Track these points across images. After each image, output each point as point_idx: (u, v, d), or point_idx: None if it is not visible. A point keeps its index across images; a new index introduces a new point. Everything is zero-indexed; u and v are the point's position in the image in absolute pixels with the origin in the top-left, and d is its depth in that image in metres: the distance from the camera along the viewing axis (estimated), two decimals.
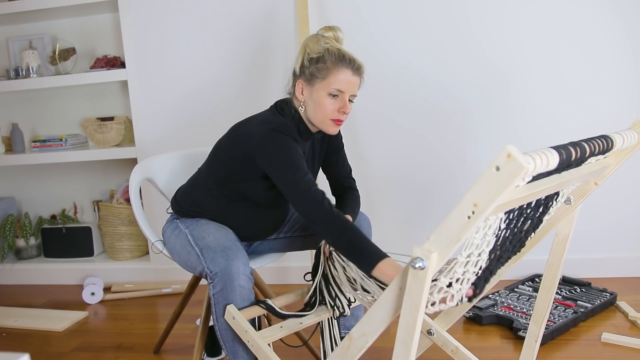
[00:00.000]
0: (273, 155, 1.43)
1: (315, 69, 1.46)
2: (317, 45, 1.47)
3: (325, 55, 1.45)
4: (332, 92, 1.46)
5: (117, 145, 2.93)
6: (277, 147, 1.43)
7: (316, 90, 1.47)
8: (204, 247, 1.51)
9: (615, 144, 1.04)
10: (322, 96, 1.46)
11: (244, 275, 1.44)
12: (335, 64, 1.44)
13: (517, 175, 0.71)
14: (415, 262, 0.86)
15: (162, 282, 2.84)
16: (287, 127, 1.49)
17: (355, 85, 1.48)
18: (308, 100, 1.49)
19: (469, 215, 0.78)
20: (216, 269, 1.44)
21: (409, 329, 0.91)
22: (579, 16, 2.40)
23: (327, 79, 1.45)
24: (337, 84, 1.45)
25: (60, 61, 2.92)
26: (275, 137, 1.44)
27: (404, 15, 2.52)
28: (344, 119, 1.50)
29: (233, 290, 1.41)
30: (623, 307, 2.17)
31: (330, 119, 1.49)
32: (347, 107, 1.48)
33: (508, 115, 2.51)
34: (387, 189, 2.65)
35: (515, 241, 1.12)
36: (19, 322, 2.45)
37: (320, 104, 1.47)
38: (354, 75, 1.47)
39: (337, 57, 1.45)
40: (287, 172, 1.40)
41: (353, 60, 1.47)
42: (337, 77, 1.45)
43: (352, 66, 1.46)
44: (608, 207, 2.51)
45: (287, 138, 1.45)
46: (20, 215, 3.23)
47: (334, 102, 1.47)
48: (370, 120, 2.61)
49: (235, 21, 2.64)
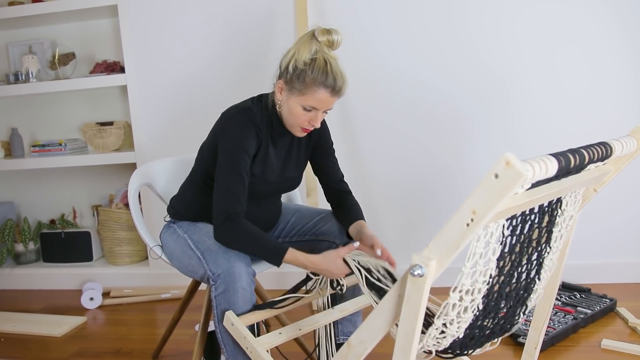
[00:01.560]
0: (223, 139, 1.52)
1: (297, 81, 1.47)
2: (307, 52, 1.46)
3: (309, 70, 1.45)
4: (306, 107, 1.49)
5: (117, 150, 2.92)
6: (230, 133, 1.51)
7: (292, 99, 1.50)
8: (205, 250, 1.51)
9: (614, 150, 1.04)
10: (296, 107, 1.50)
11: (247, 275, 1.44)
12: (315, 82, 1.45)
13: (516, 182, 0.71)
14: (414, 270, 0.85)
15: (161, 287, 2.83)
16: (253, 115, 1.54)
17: (330, 104, 1.50)
18: (284, 103, 1.53)
19: (467, 222, 0.78)
20: (219, 270, 1.44)
21: (407, 336, 0.91)
22: (578, 21, 2.41)
23: (304, 95, 1.47)
24: (312, 102, 1.48)
25: (60, 66, 2.92)
26: (233, 120, 1.52)
27: (403, 21, 2.52)
28: (312, 129, 1.55)
29: (235, 292, 1.41)
30: (623, 313, 2.16)
31: (300, 127, 1.54)
32: (317, 122, 1.52)
33: (507, 120, 2.51)
34: (386, 195, 2.65)
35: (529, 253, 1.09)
36: (17, 327, 2.44)
37: (293, 113, 1.51)
38: (331, 97, 1.48)
39: (320, 74, 1.44)
40: (224, 166, 1.49)
41: (334, 81, 1.46)
42: (315, 96, 1.46)
43: (332, 88, 1.46)
44: (607, 212, 2.51)
45: (245, 126, 1.51)
46: (19, 220, 3.23)
47: (307, 114, 1.51)
48: (370, 126, 2.61)
49: (236, 26, 2.65)
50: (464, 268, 0.93)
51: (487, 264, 0.96)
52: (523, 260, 1.09)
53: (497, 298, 1.06)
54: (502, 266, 1.02)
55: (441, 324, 1.00)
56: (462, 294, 0.97)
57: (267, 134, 1.58)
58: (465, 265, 0.92)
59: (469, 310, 1.00)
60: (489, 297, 1.04)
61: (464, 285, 0.95)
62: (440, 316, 0.98)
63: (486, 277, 0.99)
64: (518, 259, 1.06)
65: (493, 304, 1.06)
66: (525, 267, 1.11)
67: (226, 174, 1.48)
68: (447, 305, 0.96)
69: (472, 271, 0.94)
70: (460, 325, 1.02)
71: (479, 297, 1.00)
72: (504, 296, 1.08)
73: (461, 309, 0.98)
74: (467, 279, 0.95)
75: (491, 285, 1.02)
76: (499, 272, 1.02)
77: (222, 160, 1.50)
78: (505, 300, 1.10)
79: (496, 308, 1.09)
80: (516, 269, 1.07)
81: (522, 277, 1.12)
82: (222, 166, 1.50)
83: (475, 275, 0.96)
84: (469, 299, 0.99)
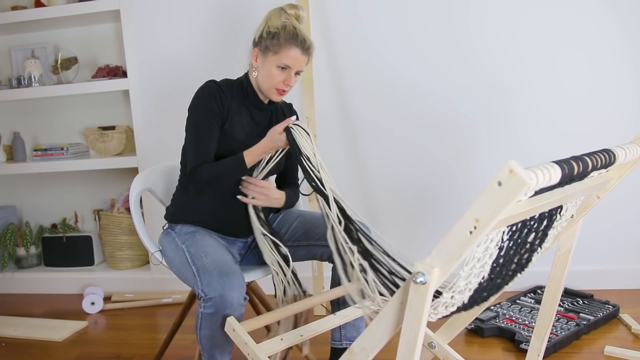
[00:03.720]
0: (189, 108, 1.66)
1: (270, 43, 1.62)
2: (277, 19, 1.62)
3: (281, 32, 1.61)
4: (280, 66, 1.62)
5: (118, 154, 2.93)
6: (193, 100, 1.65)
7: (268, 62, 1.63)
8: (200, 267, 1.50)
9: (617, 158, 1.04)
10: (272, 67, 1.63)
11: (238, 304, 1.43)
12: (287, 41, 1.60)
13: (519, 190, 0.70)
14: (416, 277, 0.85)
15: (162, 292, 2.83)
16: (220, 83, 1.67)
17: (302, 62, 1.65)
18: (260, 68, 1.66)
19: (470, 230, 0.77)
20: (211, 294, 1.42)
21: (410, 343, 0.90)
22: (580, 26, 2.41)
23: (278, 54, 1.61)
24: (286, 60, 1.61)
25: (62, 70, 2.93)
26: (198, 90, 1.66)
27: (405, 27, 2.52)
28: (288, 89, 1.67)
29: (222, 319, 1.42)
30: (626, 319, 2.16)
31: (275, 88, 1.65)
32: (291, 80, 1.65)
33: (509, 125, 2.51)
34: (388, 201, 2.65)
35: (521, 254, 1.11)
36: (18, 331, 2.44)
37: (269, 74, 1.63)
38: (302, 55, 1.63)
39: (291, 35, 1.60)
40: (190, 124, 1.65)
41: (304, 41, 1.62)
42: (287, 54, 1.61)
43: (302, 46, 1.62)
44: (610, 218, 2.50)
45: (208, 90, 1.64)
46: (20, 224, 3.23)
47: (281, 74, 1.63)
48: (371, 131, 2.61)
49: (239, 32, 2.65)
50: (462, 272, 0.93)
51: (483, 267, 0.97)
52: (514, 259, 1.10)
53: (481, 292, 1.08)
54: (495, 267, 1.03)
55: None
56: (454, 294, 0.98)
57: (240, 101, 1.70)
58: (464, 269, 0.93)
59: (456, 305, 1.03)
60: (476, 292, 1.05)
61: (458, 286, 0.96)
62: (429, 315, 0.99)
63: (479, 278, 1.00)
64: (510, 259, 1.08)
65: (477, 297, 1.08)
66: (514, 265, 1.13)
67: (192, 130, 1.64)
68: (438, 304, 0.98)
69: (468, 274, 0.95)
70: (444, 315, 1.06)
71: (468, 295, 1.03)
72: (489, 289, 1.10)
73: (449, 304, 1.01)
74: (462, 281, 0.96)
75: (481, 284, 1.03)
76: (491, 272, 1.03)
77: (188, 122, 1.65)
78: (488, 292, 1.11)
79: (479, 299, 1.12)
80: (506, 267, 1.09)
81: (509, 274, 1.15)
82: (188, 124, 1.65)
83: (470, 277, 0.97)
84: (459, 298, 1.00)
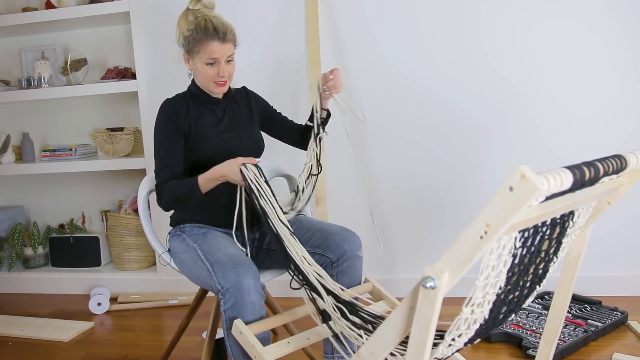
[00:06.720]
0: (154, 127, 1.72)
1: (192, 45, 1.66)
2: (186, 22, 1.67)
3: (195, 32, 1.64)
4: (208, 62, 1.66)
5: (127, 155, 2.94)
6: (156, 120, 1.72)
7: (197, 62, 1.69)
8: (214, 262, 1.52)
9: (629, 163, 1.03)
10: (202, 66, 1.68)
11: (255, 290, 1.44)
12: (204, 38, 1.63)
13: (531, 195, 0.70)
14: (426, 282, 0.84)
15: (169, 294, 2.83)
16: (172, 98, 1.75)
17: (227, 50, 1.67)
18: (194, 69, 1.73)
19: (481, 235, 0.77)
20: (227, 284, 1.44)
21: (419, 348, 0.90)
22: (593, 30, 2.40)
23: (201, 52, 1.65)
24: (210, 55, 1.65)
25: (72, 71, 2.94)
26: (159, 110, 1.72)
27: (414, 31, 2.52)
28: (226, 79, 1.71)
29: (244, 306, 1.42)
30: (634, 326, 2.14)
31: (213, 82, 1.70)
32: (224, 70, 1.68)
33: (520, 130, 2.50)
34: (398, 205, 2.64)
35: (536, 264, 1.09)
36: (25, 331, 2.45)
37: (202, 72, 1.69)
38: (223, 44, 1.65)
39: (204, 31, 1.63)
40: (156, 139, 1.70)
41: (218, 31, 1.63)
42: (208, 49, 1.64)
43: (219, 36, 1.64)
44: (619, 224, 2.48)
45: (165, 107, 1.71)
46: (28, 224, 3.24)
47: (213, 68, 1.68)
48: (380, 136, 2.60)
49: (248, 34, 2.65)
50: (478, 281, 0.92)
51: (498, 276, 0.96)
52: (530, 270, 1.09)
53: (500, 306, 1.07)
54: (511, 276, 1.02)
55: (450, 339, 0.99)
56: (473, 307, 0.96)
57: (196, 105, 1.75)
58: (479, 278, 0.92)
59: (477, 322, 0.99)
60: (495, 306, 1.04)
61: (476, 298, 0.95)
62: (452, 331, 0.97)
63: (496, 288, 0.99)
64: (525, 269, 1.06)
65: (496, 312, 1.06)
66: (530, 276, 1.11)
67: (155, 150, 1.69)
68: (459, 320, 0.95)
69: (484, 284, 0.94)
70: (468, 336, 1.01)
71: (487, 309, 1.00)
72: (507, 303, 1.08)
73: (471, 321, 0.98)
74: (479, 292, 0.94)
75: (498, 296, 1.02)
76: (507, 282, 1.02)
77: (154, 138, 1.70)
78: (507, 306, 1.10)
79: (498, 315, 1.09)
80: (522, 278, 1.07)
81: (526, 286, 1.12)
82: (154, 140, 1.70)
83: (487, 288, 0.95)
84: (479, 312, 0.98)
